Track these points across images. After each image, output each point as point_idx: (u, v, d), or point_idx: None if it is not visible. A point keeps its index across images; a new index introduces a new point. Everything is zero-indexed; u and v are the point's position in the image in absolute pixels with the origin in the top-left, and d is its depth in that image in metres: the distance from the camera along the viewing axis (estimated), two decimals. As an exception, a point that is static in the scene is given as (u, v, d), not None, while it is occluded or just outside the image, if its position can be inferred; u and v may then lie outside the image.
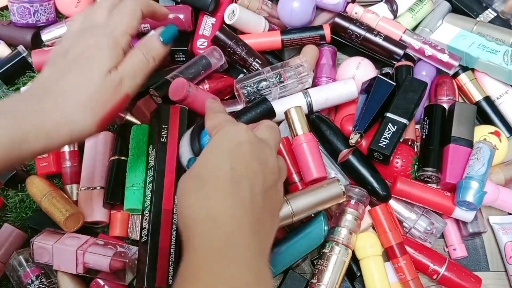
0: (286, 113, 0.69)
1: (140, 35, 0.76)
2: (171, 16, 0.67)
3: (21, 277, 0.67)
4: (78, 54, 0.52)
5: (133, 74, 0.53)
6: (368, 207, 0.70)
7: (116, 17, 0.54)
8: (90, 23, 0.55)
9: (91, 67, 0.51)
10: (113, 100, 0.51)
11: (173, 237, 0.62)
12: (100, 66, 0.51)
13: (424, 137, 0.74)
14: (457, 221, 0.72)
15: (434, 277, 0.68)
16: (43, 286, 0.67)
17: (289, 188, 0.69)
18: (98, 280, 0.67)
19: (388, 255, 0.68)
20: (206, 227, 0.39)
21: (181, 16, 0.76)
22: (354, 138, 0.69)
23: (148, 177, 0.65)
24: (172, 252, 0.61)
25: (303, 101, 0.73)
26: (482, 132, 0.74)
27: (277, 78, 0.72)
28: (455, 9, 0.85)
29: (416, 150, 0.75)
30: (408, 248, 0.69)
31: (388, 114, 0.71)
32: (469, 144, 0.71)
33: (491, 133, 0.74)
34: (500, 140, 0.73)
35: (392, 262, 0.68)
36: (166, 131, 0.66)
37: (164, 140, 0.65)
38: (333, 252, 0.65)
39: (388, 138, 0.69)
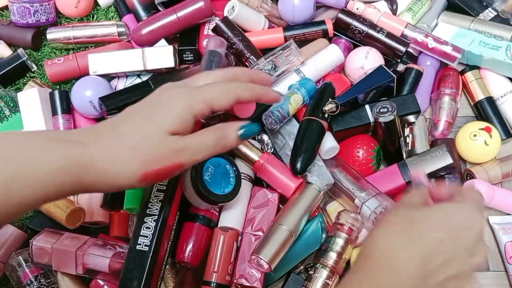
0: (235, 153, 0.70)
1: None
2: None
3: (20, 277, 0.67)
4: (153, 100, 0.50)
5: (196, 150, 0.48)
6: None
7: (210, 86, 0.50)
8: (186, 83, 0.53)
9: (156, 118, 0.47)
10: (167, 162, 0.47)
11: (167, 252, 0.63)
12: (165, 122, 0.47)
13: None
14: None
15: None
16: (42, 286, 0.67)
17: None
18: (98, 280, 0.67)
19: None
20: (378, 260, 0.42)
21: (201, 4, 0.76)
22: (328, 106, 0.69)
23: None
24: (164, 264, 0.62)
25: (297, 79, 0.75)
26: (473, 128, 0.74)
27: (272, 68, 0.72)
28: (456, 8, 0.85)
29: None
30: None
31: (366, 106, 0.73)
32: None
33: (482, 129, 0.73)
34: (490, 136, 0.73)
35: None
36: None
37: None
38: (319, 275, 0.66)
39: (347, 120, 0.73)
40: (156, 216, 0.61)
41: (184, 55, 0.79)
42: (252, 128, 0.51)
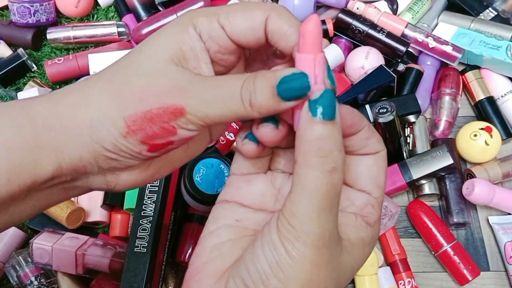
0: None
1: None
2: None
3: (20, 277, 0.67)
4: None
5: (210, 97, 0.27)
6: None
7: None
8: None
9: (145, 48, 0.29)
10: (159, 101, 0.27)
11: (165, 252, 0.63)
12: (158, 46, 0.28)
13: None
14: (439, 211, 0.74)
15: (435, 251, 0.70)
16: (43, 286, 0.67)
17: None
18: (98, 280, 0.67)
19: (392, 269, 0.70)
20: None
21: (201, 4, 0.77)
22: None
23: (149, 183, 0.64)
24: (163, 265, 0.62)
25: None
26: (473, 128, 0.74)
27: None
28: (456, 7, 0.85)
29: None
30: (424, 217, 0.71)
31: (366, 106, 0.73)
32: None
33: (482, 128, 0.73)
34: (491, 136, 0.73)
35: (396, 278, 0.70)
36: None
37: None
38: None
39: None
40: (151, 218, 0.61)
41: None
42: (297, 81, 0.26)
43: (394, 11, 0.83)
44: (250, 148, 0.30)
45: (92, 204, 0.71)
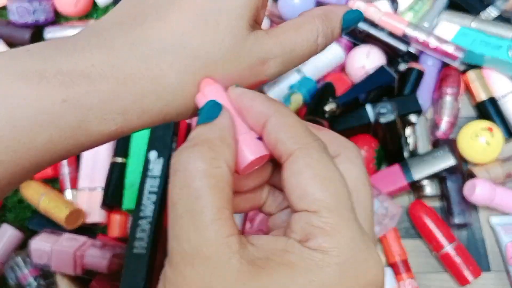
0: None
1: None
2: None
3: (19, 277, 0.67)
4: None
5: (290, 56, 0.27)
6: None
7: None
8: None
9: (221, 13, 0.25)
10: (246, 82, 0.27)
11: (165, 253, 0.62)
12: (231, 2, 0.25)
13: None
14: (440, 212, 0.74)
15: (436, 251, 0.70)
16: (41, 287, 0.67)
17: None
18: (98, 281, 0.67)
19: (393, 270, 0.70)
20: None
21: None
22: (328, 106, 0.69)
23: (148, 184, 0.64)
24: (163, 266, 0.62)
25: (297, 78, 0.76)
26: (474, 128, 0.74)
27: None
28: (457, 7, 0.84)
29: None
30: (425, 218, 0.70)
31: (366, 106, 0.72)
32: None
33: (483, 129, 0.73)
34: (492, 136, 0.73)
35: (396, 278, 0.69)
36: (175, 144, 0.65)
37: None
38: None
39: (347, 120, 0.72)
40: (151, 218, 0.61)
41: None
42: (357, 16, 0.30)
43: (395, 11, 0.82)
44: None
45: (91, 205, 0.70)
